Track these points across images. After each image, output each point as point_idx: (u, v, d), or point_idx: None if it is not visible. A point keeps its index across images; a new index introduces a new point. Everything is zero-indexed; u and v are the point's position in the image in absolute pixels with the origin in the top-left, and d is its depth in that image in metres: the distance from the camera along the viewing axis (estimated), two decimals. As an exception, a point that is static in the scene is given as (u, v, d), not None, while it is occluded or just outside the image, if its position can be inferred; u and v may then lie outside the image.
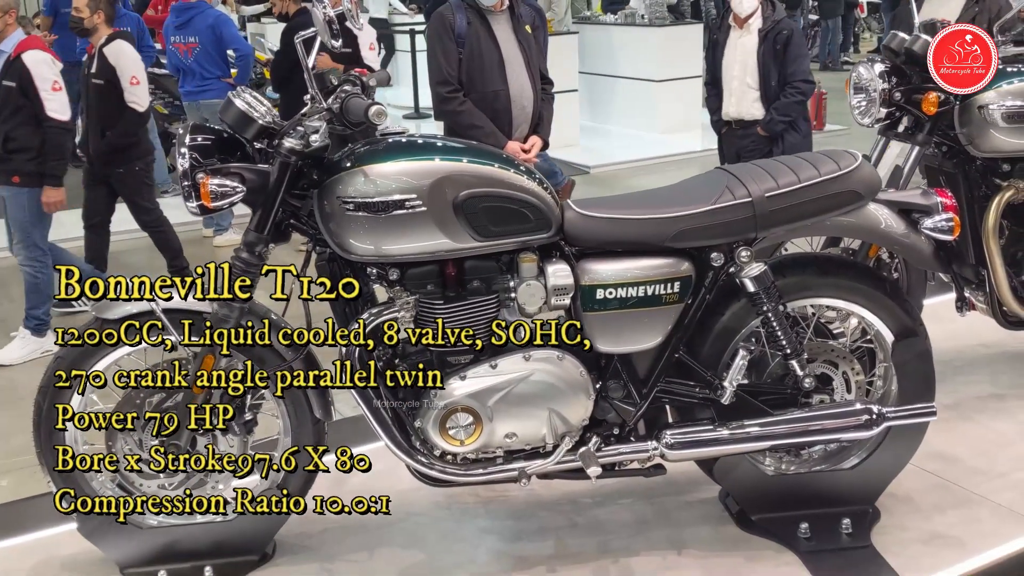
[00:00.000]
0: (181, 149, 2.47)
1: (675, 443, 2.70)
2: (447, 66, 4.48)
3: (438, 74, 4.52)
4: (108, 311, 2.63)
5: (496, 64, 4.53)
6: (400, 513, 3.06)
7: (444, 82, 4.50)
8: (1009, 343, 4.08)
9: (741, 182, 2.65)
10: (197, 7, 7.25)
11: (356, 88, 2.49)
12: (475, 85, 4.52)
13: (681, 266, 2.63)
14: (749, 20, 5.14)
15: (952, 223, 2.73)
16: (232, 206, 2.48)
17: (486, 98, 4.53)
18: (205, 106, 7.24)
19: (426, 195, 2.45)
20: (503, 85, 4.55)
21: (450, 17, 4.49)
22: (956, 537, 2.84)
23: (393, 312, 2.56)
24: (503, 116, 4.58)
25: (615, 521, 2.99)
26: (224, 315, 2.57)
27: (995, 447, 3.35)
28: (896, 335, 2.81)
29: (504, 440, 2.64)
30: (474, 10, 4.48)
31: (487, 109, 4.52)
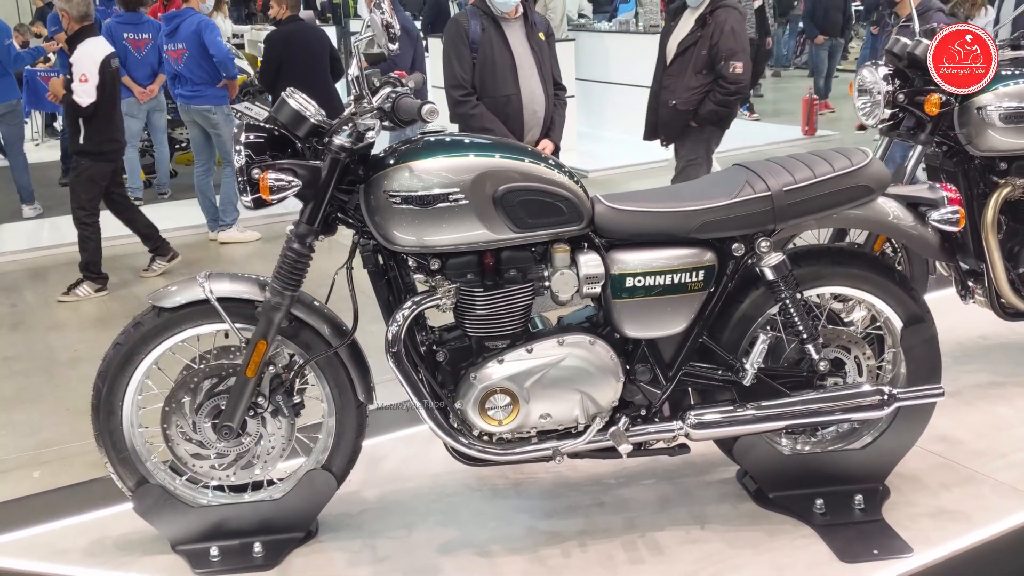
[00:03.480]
0: (236, 147, 2.62)
1: (699, 423, 2.86)
2: (461, 71, 4.66)
3: (452, 78, 4.70)
4: (165, 299, 2.78)
5: (509, 69, 4.70)
6: (434, 494, 3.22)
7: (458, 86, 4.68)
8: (1006, 334, 4.27)
9: (760, 177, 2.83)
10: (183, 14, 7.47)
11: (404, 89, 2.65)
12: (487, 89, 4.70)
13: (705, 256, 2.80)
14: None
15: (958, 215, 2.91)
16: (285, 199, 2.63)
17: (498, 102, 4.72)
18: (196, 111, 7.42)
19: (468, 189, 2.61)
20: (515, 90, 4.72)
21: (465, 23, 4.68)
22: (962, 512, 3.01)
23: (435, 300, 2.71)
24: (515, 120, 4.75)
25: (639, 500, 3.15)
26: (276, 303, 2.72)
27: (996, 430, 3.53)
28: (905, 321, 2.99)
29: (539, 420, 2.79)
30: (489, 17, 4.66)
31: (499, 113, 4.69)
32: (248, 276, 2.86)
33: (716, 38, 5.11)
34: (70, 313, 6.09)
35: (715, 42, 5.11)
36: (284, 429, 2.88)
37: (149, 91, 8.38)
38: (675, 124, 5.33)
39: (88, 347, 5.37)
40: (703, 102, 5.18)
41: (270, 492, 2.96)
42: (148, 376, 2.85)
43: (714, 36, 5.12)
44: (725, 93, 5.15)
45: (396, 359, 2.69)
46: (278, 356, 2.88)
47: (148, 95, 8.39)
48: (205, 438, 2.83)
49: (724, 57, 5.09)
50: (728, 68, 5.10)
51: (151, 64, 8.38)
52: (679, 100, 5.22)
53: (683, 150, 5.42)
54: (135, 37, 8.29)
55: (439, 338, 2.86)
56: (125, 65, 8.27)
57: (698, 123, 5.26)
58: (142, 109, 8.52)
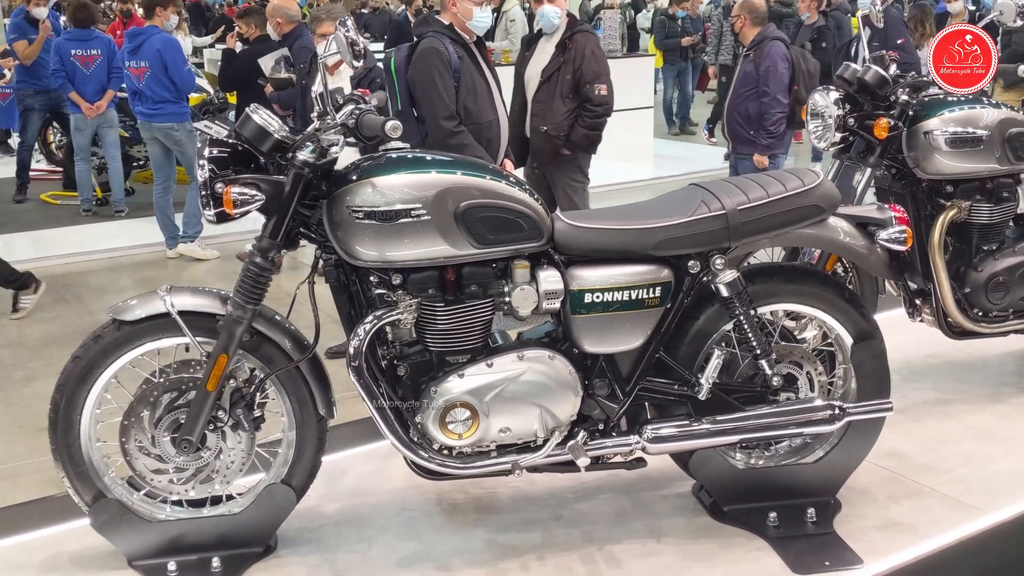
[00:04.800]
0: (200, 161, 2.64)
1: (655, 437, 2.91)
2: (450, 100, 4.48)
3: (445, 109, 4.46)
4: (125, 312, 2.78)
5: (486, 94, 4.68)
6: (394, 509, 3.24)
7: (451, 117, 4.48)
8: (953, 353, 4.38)
9: (716, 196, 2.90)
10: (146, 32, 7.48)
11: (367, 106, 2.69)
12: (472, 116, 4.58)
13: (661, 272, 2.86)
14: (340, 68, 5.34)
15: (905, 234, 3.00)
16: (248, 213, 2.65)
17: (481, 128, 4.62)
18: (157, 128, 7.42)
19: (430, 205, 2.65)
20: (495, 115, 4.70)
21: (443, 50, 4.49)
22: (910, 524, 3.09)
23: (396, 314, 2.74)
24: (494, 144, 4.72)
25: (597, 513, 3.19)
26: (237, 317, 2.73)
27: (942, 445, 3.62)
28: (855, 338, 3.07)
29: (498, 434, 2.83)
30: (458, 43, 4.61)
31: (481, 139, 4.61)
32: (210, 290, 2.88)
33: (579, 62, 5.18)
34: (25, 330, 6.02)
35: (578, 66, 5.18)
36: (244, 443, 2.88)
37: (96, 107, 8.45)
38: (547, 150, 5.33)
39: (43, 364, 5.32)
40: (573, 128, 5.24)
41: (229, 507, 2.96)
42: (107, 390, 2.84)
43: (576, 60, 5.19)
44: (593, 116, 5.22)
45: (357, 373, 2.71)
46: (239, 370, 2.89)
47: (95, 111, 8.45)
48: (164, 452, 2.83)
49: (588, 80, 5.17)
50: (593, 91, 5.18)
51: (100, 80, 8.47)
52: (550, 126, 5.24)
53: (558, 175, 5.43)
54: (83, 53, 8.41)
55: (400, 352, 2.89)
56: (73, 81, 8.39)
57: (570, 150, 5.31)
58: (90, 124, 8.59)
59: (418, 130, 4.56)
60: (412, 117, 4.54)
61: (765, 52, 6.06)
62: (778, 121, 6.07)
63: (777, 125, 6.08)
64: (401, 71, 4.58)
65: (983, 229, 3.84)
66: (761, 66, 6.06)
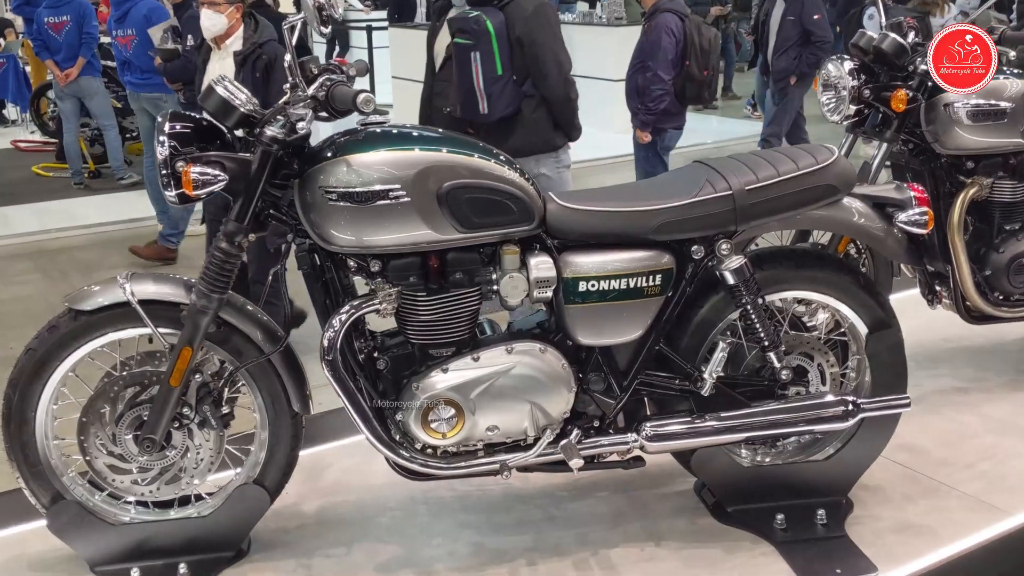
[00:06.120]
0: (160, 137, 2.43)
1: (655, 435, 2.71)
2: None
3: (568, 63, 4.21)
4: (82, 301, 2.58)
5: None
6: (376, 508, 3.05)
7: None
8: (970, 337, 4.17)
9: (721, 175, 2.67)
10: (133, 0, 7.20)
11: (341, 76, 2.46)
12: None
13: (662, 259, 2.64)
14: (227, 41, 4.41)
15: (926, 216, 2.78)
16: (213, 194, 2.43)
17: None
18: (146, 99, 7.17)
19: (410, 185, 2.43)
20: None
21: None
22: (928, 526, 2.89)
23: (374, 304, 2.53)
24: None
25: (592, 514, 2.99)
26: (202, 307, 2.52)
27: (960, 438, 3.42)
28: (870, 327, 2.86)
29: (486, 433, 2.63)
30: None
31: None
32: (174, 277, 2.67)
33: None
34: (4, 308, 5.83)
35: None
36: (212, 441, 2.69)
37: (67, 75, 8.21)
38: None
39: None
40: None
41: (198, 508, 2.76)
42: (64, 384, 2.65)
43: None
44: None
45: (332, 367, 2.51)
46: (207, 363, 2.69)
47: (65, 79, 8.22)
48: (126, 451, 2.64)
49: None
50: None
51: (71, 46, 8.21)
52: (454, 107, 4.56)
53: None
54: (55, 20, 8.20)
55: (380, 344, 2.68)
56: (48, 49, 8.17)
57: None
58: (68, 93, 8.39)
59: (515, 94, 4.17)
60: (512, 82, 4.16)
61: (654, 24, 5.68)
62: (658, 98, 5.63)
63: (657, 102, 5.64)
64: (501, 33, 4.12)
65: (1005, 208, 3.63)
66: (649, 38, 5.71)
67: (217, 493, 2.78)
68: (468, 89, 4.16)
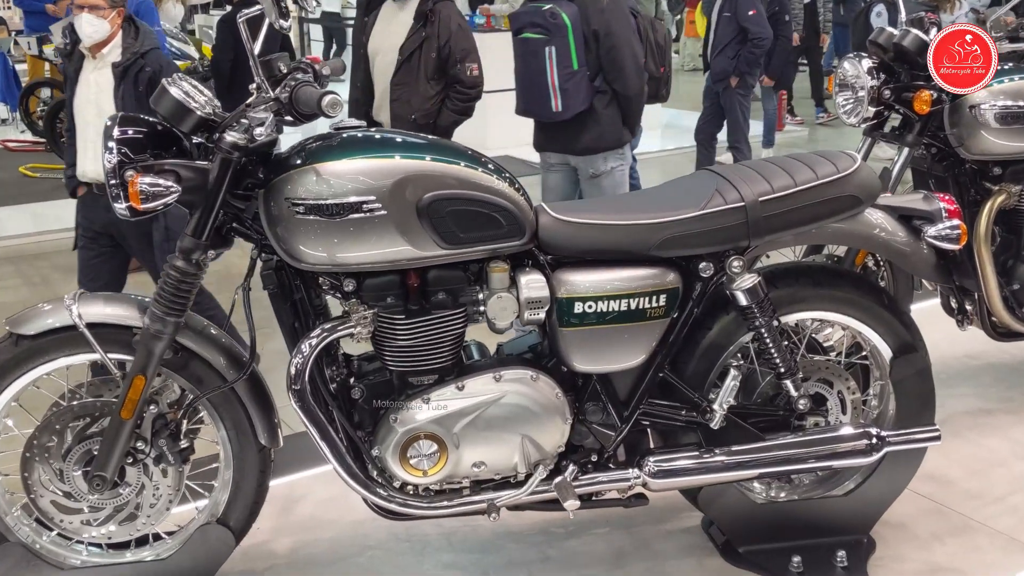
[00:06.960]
0: (108, 143, 2.17)
1: (659, 471, 2.46)
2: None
3: (642, 56, 4.08)
4: (24, 325, 2.33)
5: None
6: (354, 547, 2.80)
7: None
8: (995, 353, 3.92)
9: (732, 185, 2.42)
10: None
11: (308, 76, 2.22)
12: None
13: (667, 277, 2.39)
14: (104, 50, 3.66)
15: (959, 230, 2.53)
16: (165, 208, 2.18)
17: None
18: None
19: (386, 197, 2.18)
20: None
21: None
22: (958, 569, 2.65)
23: (348, 327, 2.28)
24: None
25: (590, 553, 2.74)
26: (156, 331, 2.27)
27: (988, 466, 3.17)
28: (895, 351, 2.61)
29: (472, 470, 2.39)
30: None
31: None
32: (129, 297, 2.43)
33: (444, 38, 4.30)
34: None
35: (444, 42, 4.29)
36: (171, 477, 2.44)
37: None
38: None
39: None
40: (441, 112, 4.37)
41: (156, 550, 2.52)
42: (7, 415, 2.40)
43: (441, 36, 4.31)
44: (464, 99, 4.36)
45: (300, 397, 2.27)
46: (166, 391, 2.45)
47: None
48: (76, 489, 2.39)
49: (459, 59, 4.31)
50: (465, 71, 4.33)
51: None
52: (418, 113, 4.28)
53: None
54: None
55: (356, 369, 2.44)
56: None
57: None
58: None
59: (589, 90, 3.96)
60: (586, 77, 3.94)
61: None
62: None
63: None
64: (577, 27, 3.92)
65: (1035, 218, 3.37)
66: None
67: (177, 532, 2.54)
68: (540, 86, 3.97)
